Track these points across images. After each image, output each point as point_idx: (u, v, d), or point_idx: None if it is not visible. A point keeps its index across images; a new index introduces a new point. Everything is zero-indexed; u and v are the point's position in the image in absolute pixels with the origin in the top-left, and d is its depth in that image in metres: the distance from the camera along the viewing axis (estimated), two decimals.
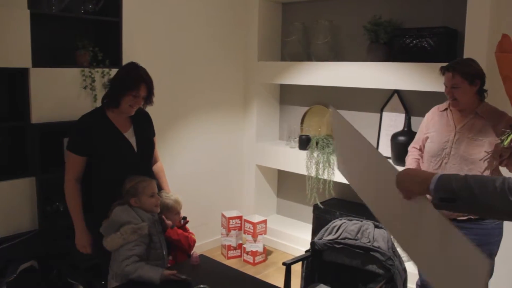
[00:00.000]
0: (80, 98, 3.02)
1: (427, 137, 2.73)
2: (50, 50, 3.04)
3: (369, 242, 2.70)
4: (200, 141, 4.25)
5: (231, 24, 4.40)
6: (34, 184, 2.86)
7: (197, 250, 2.67)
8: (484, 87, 2.59)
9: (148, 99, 2.58)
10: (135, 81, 2.48)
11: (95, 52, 3.10)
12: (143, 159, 2.66)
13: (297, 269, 2.90)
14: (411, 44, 3.55)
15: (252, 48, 4.53)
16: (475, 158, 2.49)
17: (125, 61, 3.19)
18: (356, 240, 2.73)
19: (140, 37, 3.47)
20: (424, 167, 2.71)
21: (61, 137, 3.06)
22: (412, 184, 1.48)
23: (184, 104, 4.04)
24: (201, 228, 4.17)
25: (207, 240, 4.42)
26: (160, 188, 2.77)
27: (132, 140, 2.59)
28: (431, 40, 3.45)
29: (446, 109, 2.71)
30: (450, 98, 2.59)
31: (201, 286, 1.86)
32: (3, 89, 2.94)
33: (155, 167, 2.84)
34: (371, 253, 2.67)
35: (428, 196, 1.47)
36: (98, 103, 3.06)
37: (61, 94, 2.95)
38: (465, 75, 2.50)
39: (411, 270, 3.13)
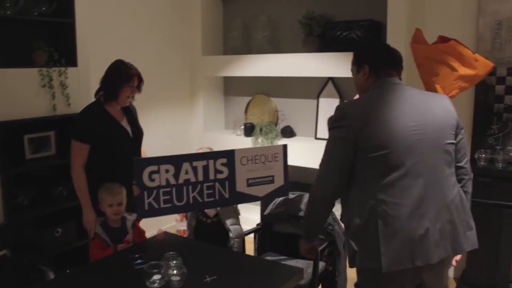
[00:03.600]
0: (39, 96, 3.17)
1: None
2: (6, 51, 3.15)
3: None
4: (152, 133, 4.44)
5: (176, 22, 4.64)
6: None
7: None
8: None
9: (139, 87, 2.95)
10: (128, 75, 2.84)
11: (51, 52, 3.24)
12: (136, 143, 3.05)
13: (249, 247, 3.22)
14: (341, 36, 3.93)
15: (196, 43, 4.78)
16: None
17: (79, 59, 3.39)
18: (300, 210, 3.08)
19: (92, 36, 3.63)
20: None
21: (22, 134, 3.22)
22: None
23: (136, 98, 4.24)
24: None
25: (163, 226, 4.64)
26: None
27: (128, 128, 2.97)
28: (359, 31, 3.84)
29: None
30: None
31: (171, 253, 2.14)
32: None
33: (142, 151, 3.20)
34: None
35: None
36: (57, 101, 3.26)
37: (20, 93, 3.08)
38: None
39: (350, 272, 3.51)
